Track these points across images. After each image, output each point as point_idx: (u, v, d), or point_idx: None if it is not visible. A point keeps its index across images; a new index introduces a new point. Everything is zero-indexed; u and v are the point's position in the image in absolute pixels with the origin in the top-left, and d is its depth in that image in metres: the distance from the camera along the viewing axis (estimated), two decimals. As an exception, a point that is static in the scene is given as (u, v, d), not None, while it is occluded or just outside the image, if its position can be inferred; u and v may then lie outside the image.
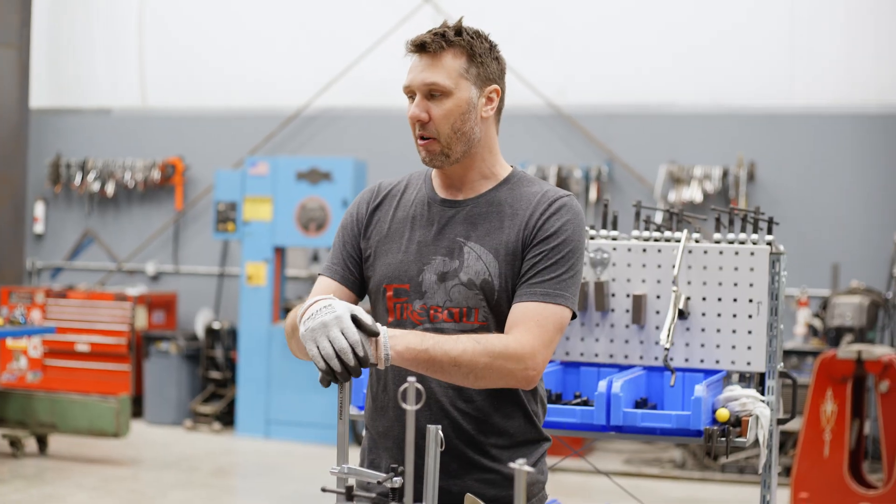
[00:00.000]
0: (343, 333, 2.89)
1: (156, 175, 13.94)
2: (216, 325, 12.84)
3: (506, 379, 3.13)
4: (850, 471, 8.73)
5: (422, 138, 3.28)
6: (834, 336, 10.79)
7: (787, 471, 10.62)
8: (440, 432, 2.70)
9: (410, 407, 2.39)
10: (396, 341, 3.01)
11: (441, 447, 2.73)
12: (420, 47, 3.28)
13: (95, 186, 14.16)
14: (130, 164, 14.06)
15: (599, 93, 12.58)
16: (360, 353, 2.89)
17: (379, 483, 2.89)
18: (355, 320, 2.93)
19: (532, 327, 3.15)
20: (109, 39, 14.53)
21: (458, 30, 3.32)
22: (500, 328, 3.24)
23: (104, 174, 14.15)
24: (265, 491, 9.95)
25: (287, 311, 12.26)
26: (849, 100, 12.06)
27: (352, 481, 2.94)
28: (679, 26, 12.56)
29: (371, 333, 2.94)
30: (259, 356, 12.18)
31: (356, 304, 3.28)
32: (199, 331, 13.02)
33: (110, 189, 14.12)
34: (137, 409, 12.86)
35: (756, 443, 10.64)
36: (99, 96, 14.55)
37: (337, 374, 2.90)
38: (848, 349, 8.97)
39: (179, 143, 14.12)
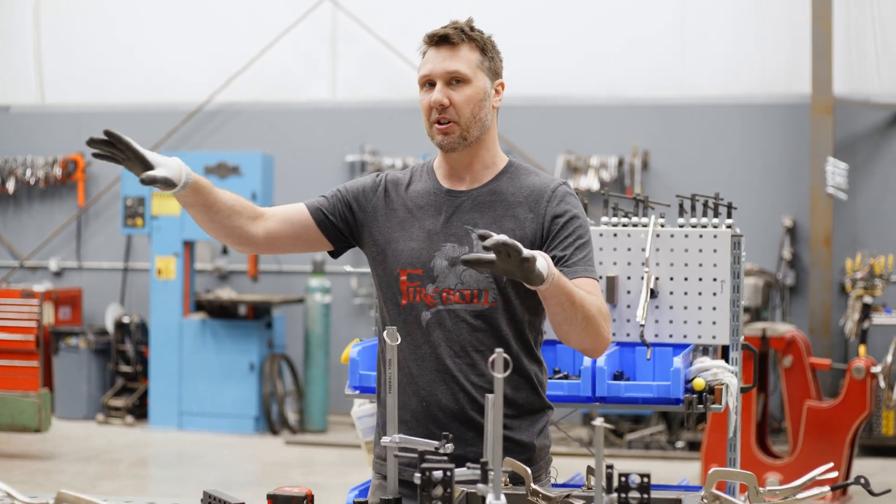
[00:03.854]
0: None
1: (57, 172, 13.95)
2: (126, 320, 12.94)
3: (593, 339, 3.41)
4: (758, 443, 9.24)
5: (440, 122, 3.53)
6: (732, 315, 11.32)
7: (691, 445, 11.14)
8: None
9: (499, 375, 2.67)
10: (553, 269, 3.24)
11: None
12: (442, 39, 3.55)
13: (-4, 184, 14.14)
14: (31, 162, 14.05)
15: (498, 85, 12.92)
16: None
17: (436, 450, 3.15)
18: None
19: (603, 299, 3.48)
20: (5, 36, 14.47)
21: (471, 26, 3.60)
22: (508, 309, 3.52)
23: (4, 172, 14.09)
24: (190, 480, 10.13)
25: (198, 304, 12.42)
26: (736, 90, 12.62)
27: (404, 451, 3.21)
28: (574, 22, 12.98)
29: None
30: (170, 349, 12.33)
31: (310, 238, 3.68)
32: (109, 325, 13.11)
33: (11, 186, 14.08)
34: (47, 405, 12.90)
35: (657, 421, 11.02)
36: (-4, 94, 14.53)
37: None
38: (753, 326, 9.48)
39: (80, 139, 13.85)
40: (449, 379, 3.54)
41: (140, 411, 12.78)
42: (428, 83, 3.56)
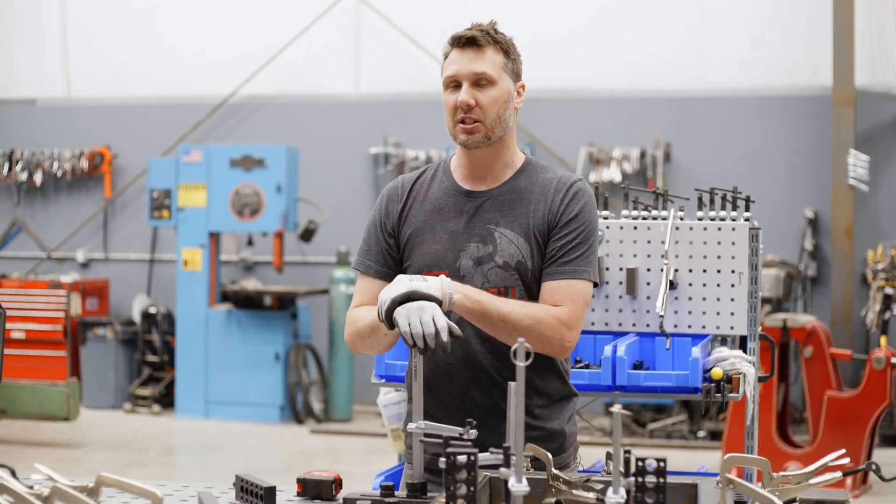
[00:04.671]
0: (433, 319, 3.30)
1: (84, 164, 14.10)
2: (152, 310, 13.10)
3: (543, 345, 3.50)
4: (778, 432, 9.31)
5: (464, 122, 3.60)
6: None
7: (712, 435, 11.21)
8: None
9: (521, 363, 2.76)
10: (457, 287, 3.40)
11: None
12: (469, 41, 3.62)
13: (23, 176, 14.28)
14: (58, 154, 14.21)
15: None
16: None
17: (460, 436, 3.24)
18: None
19: (566, 303, 3.55)
20: (32, 30, 14.62)
21: (495, 29, 3.68)
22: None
23: (31, 164, 14.27)
24: (217, 467, 10.26)
25: (224, 294, 12.56)
26: (756, 82, 12.69)
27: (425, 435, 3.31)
28: (594, 15, 13.06)
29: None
30: (196, 339, 12.47)
31: None
32: (136, 316, 13.27)
33: (38, 179, 14.24)
34: (75, 395, 13.07)
35: (679, 410, 11.07)
36: (23, 87, 14.65)
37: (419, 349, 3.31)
38: (774, 317, 9.55)
39: (106, 132, 14.29)
40: (482, 375, 3.62)
41: (167, 400, 12.93)
42: (453, 84, 3.62)
